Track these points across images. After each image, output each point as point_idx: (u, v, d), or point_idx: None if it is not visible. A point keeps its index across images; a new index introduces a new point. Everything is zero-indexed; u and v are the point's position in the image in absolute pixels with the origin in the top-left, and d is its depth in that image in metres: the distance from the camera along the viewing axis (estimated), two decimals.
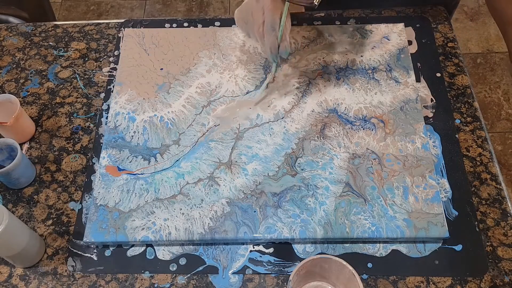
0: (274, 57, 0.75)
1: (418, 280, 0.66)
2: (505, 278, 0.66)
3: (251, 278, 0.67)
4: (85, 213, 0.72)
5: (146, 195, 0.71)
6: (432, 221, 0.68)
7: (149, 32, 0.90)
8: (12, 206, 0.74)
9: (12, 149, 0.73)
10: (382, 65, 0.84)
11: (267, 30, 0.71)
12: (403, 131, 0.76)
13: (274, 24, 0.71)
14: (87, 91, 0.85)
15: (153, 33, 0.89)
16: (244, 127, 0.78)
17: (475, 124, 0.79)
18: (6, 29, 0.95)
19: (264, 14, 0.71)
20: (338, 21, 0.91)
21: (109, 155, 0.76)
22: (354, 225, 0.68)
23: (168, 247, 0.69)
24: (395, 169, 0.72)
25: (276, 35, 0.72)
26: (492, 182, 0.73)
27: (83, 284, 0.67)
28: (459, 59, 0.86)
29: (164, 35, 0.89)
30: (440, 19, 0.91)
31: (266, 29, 0.71)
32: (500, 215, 0.70)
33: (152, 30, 0.90)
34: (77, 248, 0.70)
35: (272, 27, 0.71)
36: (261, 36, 0.73)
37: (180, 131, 0.78)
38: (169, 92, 0.82)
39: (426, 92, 0.82)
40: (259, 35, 0.73)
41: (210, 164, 0.74)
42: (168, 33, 0.89)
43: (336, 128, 0.77)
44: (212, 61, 0.86)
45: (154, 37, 0.89)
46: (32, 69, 0.89)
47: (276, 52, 0.74)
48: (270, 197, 0.71)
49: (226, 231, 0.68)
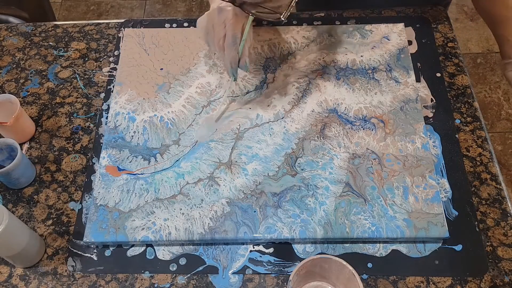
0: (233, 72, 0.74)
1: (418, 280, 0.66)
2: (505, 278, 0.66)
3: (251, 278, 0.67)
4: (85, 213, 0.72)
5: (146, 195, 0.71)
6: (432, 221, 0.68)
7: (149, 32, 0.90)
8: (12, 206, 0.74)
9: (12, 149, 0.73)
10: (382, 65, 0.84)
11: (228, 44, 0.70)
12: (403, 131, 0.76)
13: (235, 39, 0.70)
14: (87, 91, 0.85)
15: (153, 33, 0.90)
16: (244, 127, 0.77)
17: (475, 124, 0.79)
18: (6, 29, 0.95)
19: (225, 27, 0.70)
20: (338, 21, 0.91)
21: (109, 155, 0.76)
22: (354, 225, 0.68)
23: (168, 247, 0.69)
24: (395, 169, 0.72)
25: (237, 50, 0.71)
26: (492, 182, 0.73)
27: (83, 284, 0.67)
28: (459, 59, 0.86)
29: (164, 35, 0.89)
30: (440, 19, 0.91)
31: (227, 43, 0.70)
32: (500, 215, 0.70)
33: (152, 30, 0.90)
34: (77, 248, 0.70)
35: (233, 42, 0.70)
36: (221, 49, 0.72)
37: (180, 131, 0.78)
38: (169, 92, 0.82)
39: (426, 92, 0.82)
40: (220, 48, 0.72)
41: (210, 164, 0.74)
42: (168, 33, 0.89)
43: (336, 128, 0.77)
44: (212, 61, 0.86)
45: (154, 37, 0.89)
46: (32, 69, 0.89)
47: (236, 66, 0.73)
48: (270, 197, 0.71)
49: (226, 231, 0.68)
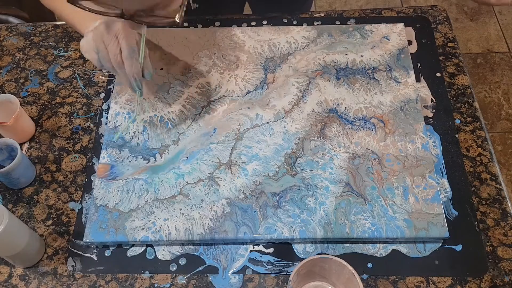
0: (138, 84, 0.71)
1: (418, 280, 0.66)
2: (505, 278, 0.66)
3: (251, 278, 0.67)
4: (85, 213, 0.72)
5: (146, 195, 0.71)
6: (432, 221, 0.68)
7: (149, 32, 0.90)
8: (12, 206, 0.74)
9: (12, 149, 0.73)
10: (382, 65, 0.84)
11: (127, 57, 0.68)
12: (403, 131, 0.76)
13: (133, 50, 0.68)
14: (87, 91, 0.85)
15: (153, 33, 0.89)
16: (244, 127, 0.77)
17: (475, 124, 0.79)
18: (6, 29, 0.95)
19: (119, 43, 0.68)
20: (338, 21, 0.91)
21: (109, 155, 0.76)
22: (354, 225, 0.68)
23: (168, 247, 0.69)
24: (395, 169, 0.72)
25: (137, 60, 0.69)
26: (492, 182, 0.73)
27: (83, 284, 0.67)
28: (459, 59, 0.86)
29: (164, 35, 0.89)
30: (440, 19, 0.91)
31: (125, 57, 0.68)
32: (500, 215, 0.70)
33: (152, 30, 0.90)
34: (77, 248, 0.70)
35: (131, 53, 0.68)
36: (119, 65, 0.69)
37: (180, 131, 0.78)
38: (169, 92, 0.82)
39: (426, 92, 0.82)
40: (118, 64, 0.69)
41: (210, 165, 0.74)
42: (168, 33, 0.89)
43: (336, 128, 0.77)
44: (212, 61, 0.86)
45: (154, 37, 0.89)
46: (32, 69, 0.89)
47: (141, 77, 0.70)
48: (270, 197, 0.71)
49: (226, 231, 0.68)
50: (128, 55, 0.68)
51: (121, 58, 0.68)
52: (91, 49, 0.70)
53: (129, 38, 0.68)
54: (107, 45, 0.68)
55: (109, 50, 0.68)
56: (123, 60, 0.68)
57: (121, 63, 0.68)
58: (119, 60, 0.68)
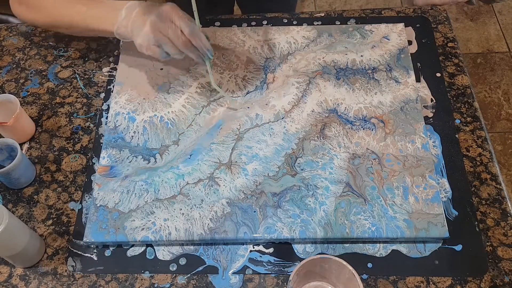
0: (210, 52, 0.74)
1: (418, 280, 0.66)
2: (505, 278, 0.66)
3: (251, 278, 0.67)
4: (85, 213, 0.72)
5: (146, 196, 0.71)
6: (432, 221, 0.68)
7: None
8: (12, 206, 0.74)
9: (12, 149, 0.73)
10: (382, 65, 0.84)
11: (191, 34, 0.70)
12: (403, 131, 0.76)
13: (193, 26, 0.71)
14: (87, 91, 0.85)
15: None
16: (245, 127, 0.77)
17: (475, 124, 0.79)
18: (6, 29, 0.95)
19: (176, 25, 0.70)
20: (338, 21, 0.91)
21: (109, 155, 0.76)
22: (354, 225, 0.68)
23: (168, 247, 0.69)
24: (395, 169, 0.72)
25: (200, 31, 0.71)
26: (492, 182, 0.73)
27: (83, 284, 0.67)
28: (459, 59, 0.86)
29: None
30: (440, 19, 0.91)
31: (189, 34, 0.70)
32: (500, 215, 0.70)
33: None
34: (77, 248, 0.70)
35: (193, 30, 0.70)
36: (186, 45, 0.71)
37: (180, 131, 0.78)
38: (169, 92, 0.82)
39: (426, 92, 0.82)
40: (184, 45, 0.71)
41: (210, 165, 0.74)
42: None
43: (336, 128, 0.77)
44: (212, 61, 0.86)
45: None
46: (32, 69, 0.89)
47: (210, 46, 0.73)
48: (270, 197, 0.71)
49: (226, 232, 0.68)
50: (191, 31, 0.70)
51: (186, 38, 0.70)
52: (151, 44, 0.72)
53: (183, 16, 0.70)
54: (166, 33, 0.70)
55: (171, 36, 0.70)
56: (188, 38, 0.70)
57: (187, 42, 0.71)
58: (185, 40, 0.71)
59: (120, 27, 0.75)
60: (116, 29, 0.75)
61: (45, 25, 0.83)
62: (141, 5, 0.74)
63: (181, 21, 0.70)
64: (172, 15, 0.70)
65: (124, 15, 0.74)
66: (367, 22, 0.90)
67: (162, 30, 0.71)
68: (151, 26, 0.71)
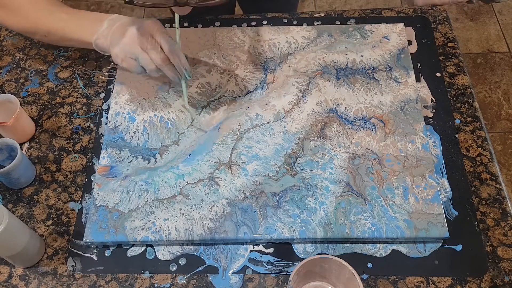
0: (188, 72, 0.73)
1: (418, 280, 0.66)
2: (505, 278, 0.66)
3: (251, 278, 0.67)
4: (85, 213, 0.72)
5: (146, 196, 0.71)
6: (432, 221, 0.68)
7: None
8: (12, 206, 0.74)
9: (12, 149, 0.73)
10: (382, 65, 0.84)
11: (171, 52, 0.69)
12: (403, 131, 0.76)
13: (174, 44, 0.70)
14: (87, 91, 0.85)
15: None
16: (245, 127, 0.77)
17: (475, 124, 0.79)
18: (6, 29, 0.95)
19: (156, 41, 0.69)
20: (338, 21, 0.91)
21: (109, 155, 0.76)
22: (354, 225, 0.68)
23: (168, 247, 0.69)
24: (395, 169, 0.72)
25: (179, 49, 0.71)
26: (492, 182, 0.73)
27: (83, 284, 0.67)
28: (459, 59, 0.86)
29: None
30: (440, 19, 0.91)
31: (169, 52, 0.69)
32: (500, 215, 0.70)
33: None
34: (77, 248, 0.70)
35: (173, 47, 0.69)
36: (164, 62, 0.70)
37: (179, 131, 0.78)
38: (169, 92, 0.82)
39: (426, 92, 0.82)
40: (162, 61, 0.70)
41: (210, 165, 0.74)
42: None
43: (336, 128, 0.77)
44: (212, 61, 0.86)
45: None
46: (32, 69, 0.89)
47: (188, 66, 0.72)
48: (270, 197, 0.71)
49: (226, 232, 0.68)
50: (170, 48, 0.69)
51: (164, 55, 0.69)
52: (127, 56, 0.70)
53: (164, 33, 0.70)
54: (145, 48, 0.69)
55: (150, 51, 0.69)
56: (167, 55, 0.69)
57: (165, 59, 0.70)
58: (163, 57, 0.69)
59: (100, 37, 0.73)
60: (95, 39, 0.73)
61: (23, 31, 0.80)
62: (125, 19, 0.72)
63: (161, 37, 0.69)
64: (153, 30, 0.69)
65: (106, 25, 0.73)
66: (367, 22, 0.90)
67: (141, 44, 0.69)
68: (130, 38, 0.69)
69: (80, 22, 0.75)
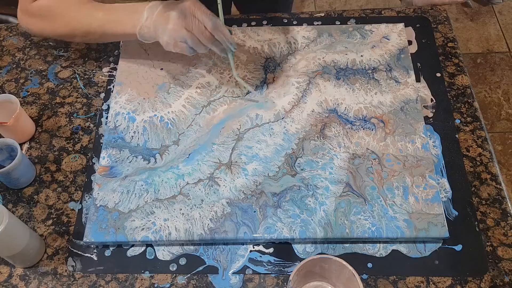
0: (233, 45, 0.75)
1: (418, 280, 0.66)
2: (505, 278, 0.66)
3: (251, 278, 0.67)
4: (85, 213, 0.72)
5: (146, 196, 0.71)
6: (432, 222, 0.68)
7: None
8: (12, 206, 0.74)
9: (12, 149, 0.73)
10: (382, 65, 0.84)
11: (215, 28, 0.71)
12: (403, 131, 0.76)
13: (216, 20, 0.71)
14: (87, 91, 0.85)
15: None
16: (245, 127, 0.77)
17: (475, 124, 0.79)
18: (6, 29, 0.95)
19: (199, 21, 0.70)
20: (338, 21, 0.91)
21: (109, 155, 0.76)
22: (354, 225, 0.68)
23: (168, 247, 0.69)
24: (395, 169, 0.72)
25: (223, 25, 0.72)
26: (492, 182, 0.73)
27: (83, 284, 0.67)
28: (459, 59, 0.86)
29: None
30: (440, 19, 0.91)
31: (212, 29, 0.71)
32: (500, 215, 0.70)
33: None
34: (77, 248, 0.70)
35: (216, 23, 0.71)
36: (210, 39, 0.72)
37: (179, 132, 0.78)
38: (169, 92, 0.82)
39: (426, 92, 0.82)
40: (208, 39, 0.72)
41: (211, 165, 0.74)
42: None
43: (336, 128, 0.77)
44: (212, 61, 0.86)
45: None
46: (32, 69, 0.89)
47: (233, 40, 0.74)
48: (270, 197, 0.71)
49: (226, 231, 0.68)
50: (214, 25, 0.71)
51: (209, 33, 0.71)
52: (177, 41, 0.73)
53: (205, 11, 0.71)
54: (190, 29, 0.71)
55: (196, 32, 0.71)
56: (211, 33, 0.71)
57: (211, 37, 0.72)
58: (208, 35, 0.71)
59: (143, 28, 0.75)
60: (139, 30, 0.75)
61: (61, 35, 0.82)
62: (162, 4, 0.74)
63: (204, 16, 0.70)
64: (194, 10, 0.70)
65: (146, 15, 0.74)
66: (367, 22, 0.90)
67: (186, 27, 0.71)
68: (174, 23, 0.71)
69: (118, 17, 0.77)
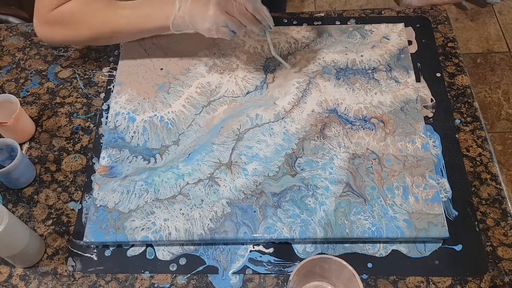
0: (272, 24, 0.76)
1: (418, 280, 0.66)
2: (505, 278, 0.66)
3: (251, 278, 0.67)
4: (85, 213, 0.72)
5: (146, 196, 0.71)
6: (432, 222, 0.68)
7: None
8: (12, 206, 0.74)
9: (12, 149, 0.73)
10: (382, 65, 0.84)
11: (256, 9, 0.72)
12: (403, 131, 0.76)
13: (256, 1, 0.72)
14: (87, 91, 0.85)
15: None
16: (245, 127, 0.77)
17: (475, 124, 0.79)
18: (6, 29, 0.95)
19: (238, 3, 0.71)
20: (338, 21, 0.91)
21: (109, 155, 0.76)
22: (354, 225, 0.68)
23: (168, 247, 0.69)
24: (395, 169, 0.72)
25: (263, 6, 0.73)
26: (492, 182, 0.73)
27: (83, 284, 0.67)
28: (459, 59, 0.86)
29: (164, 35, 0.89)
30: (440, 19, 0.91)
31: (254, 10, 0.72)
32: (500, 215, 0.70)
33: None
34: (77, 248, 0.70)
35: (256, 4, 0.72)
36: (252, 21, 0.73)
37: (179, 132, 0.78)
38: (169, 92, 0.82)
39: (426, 92, 0.82)
40: (250, 21, 0.73)
41: (211, 165, 0.74)
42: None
43: (336, 128, 0.77)
44: (212, 61, 0.86)
45: (154, 36, 0.89)
46: (32, 69, 0.89)
47: (271, 17, 0.75)
48: (270, 197, 0.71)
49: (226, 232, 0.68)
50: (254, 7, 0.72)
51: (250, 14, 0.72)
52: (220, 26, 0.73)
53: None
54: (232, 12, 0.72)
55: (237, 15, 0.72)
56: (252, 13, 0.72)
57: (252, 18, 0.73)
58: (250, 16, 0.72)
59: (177, 18, 0.75)
60: (173, 21, 0.75)
61: (85, 40, 0.82)
62: None
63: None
64: None
65: (179, 5, 0.74)
66: (367, 22, 0.90)
67: (227, 10, 0.72)
68: (214, 10, 0.72)
69: (147, 12, 0.77)
